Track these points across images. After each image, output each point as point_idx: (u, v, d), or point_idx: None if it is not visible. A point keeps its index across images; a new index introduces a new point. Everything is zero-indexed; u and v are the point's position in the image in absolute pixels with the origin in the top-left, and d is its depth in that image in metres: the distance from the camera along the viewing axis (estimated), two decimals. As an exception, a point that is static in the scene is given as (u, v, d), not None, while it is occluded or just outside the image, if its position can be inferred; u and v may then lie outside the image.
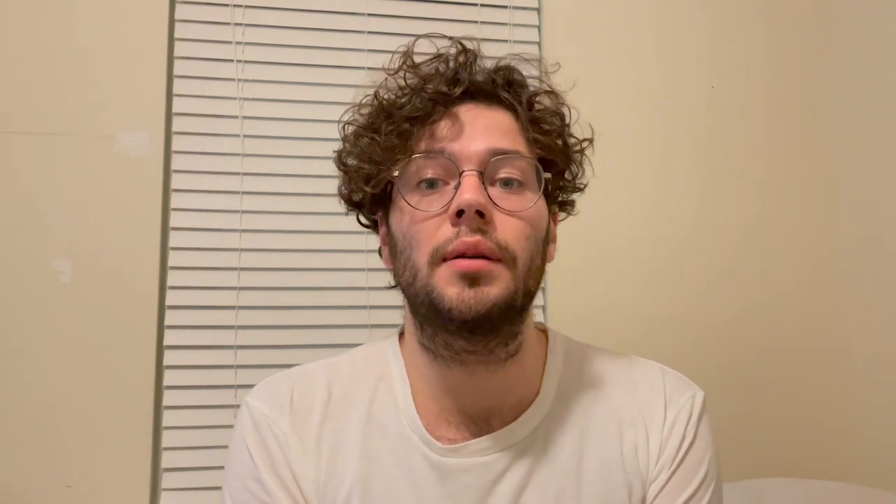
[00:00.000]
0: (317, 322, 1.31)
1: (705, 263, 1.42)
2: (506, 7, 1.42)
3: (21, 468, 1.18)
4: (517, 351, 0.66)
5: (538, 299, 1.37)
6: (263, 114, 1.32)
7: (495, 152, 0.62)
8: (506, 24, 1.42)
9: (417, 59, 0.68)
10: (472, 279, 0.59)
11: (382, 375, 0.70)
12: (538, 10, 1.44)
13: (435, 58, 0.68)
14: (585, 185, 0.75)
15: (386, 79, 0.68)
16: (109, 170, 1.25)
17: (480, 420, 0.66)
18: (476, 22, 1.40)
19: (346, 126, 0.70)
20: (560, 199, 0.73)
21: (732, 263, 1.44)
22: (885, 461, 1.30)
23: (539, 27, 1.43)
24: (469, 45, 0.69)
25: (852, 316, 1.41)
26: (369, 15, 1.37)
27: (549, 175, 0.66)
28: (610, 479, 0.65)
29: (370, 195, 0.67)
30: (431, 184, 0.63)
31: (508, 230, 0.61)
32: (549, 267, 1.42)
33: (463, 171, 0.61)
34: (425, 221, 0.62)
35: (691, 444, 0.67)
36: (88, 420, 1.20)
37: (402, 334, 0.73)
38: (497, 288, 0.59)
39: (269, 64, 1.33)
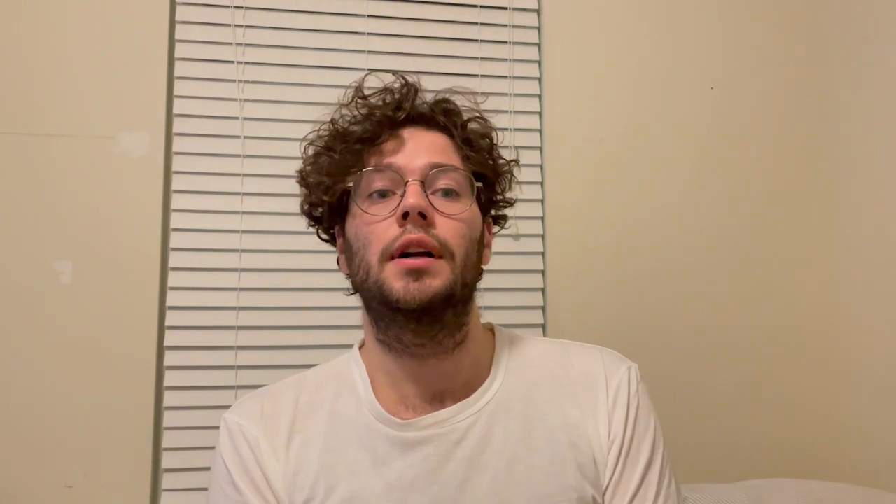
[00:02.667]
0: (317, 323, 1.31)
1: (705, 264, 1.43)
2: (506, 8, 1.42)
3: (21, 468, 1.18)
4: (464, 340, 0.75)
5: (537, 300, 1.38)
6: (264, 115, 1.32)
7: (434, 165, 0.73)
8: (506, 25, 1.42)
9: (367, 93, 0.79)
10: (416, 274, 0.68)
11: (345, 378, 0.79)
12: (538, 11, 1.44)
13: (382, 90, 0.79)
14: (515, 201, 0.86)
15: (340, 108, 0.79)
16: (110, 171, 1.25)
17: (435, 401, 0.74)
18: (476, 23, 1.41)
19: (307, 148, 0.81)
20: (493, 212, 0.84)
21: (733, 264, 1.44)
22: (885, 461, 1.30)
23: (539, 28, 1.44)
24: (411, 79, 0.80)
25: (852, 316, 1.41)
26: (369, 16, 1.37)
27: (480, 185, 0.76)
28: (557, 442, 0.73)
29: (328, 207, 0.78)
30: (382, 194, 0.73)
31: (447, 229, 0.71)
32: (549, 268, 1.42)
33: (407, 181, 0.71)
34: (376, 224, 0.71)
35: (637, 410, 0.75)
36: (88, 420, 1.20)
37: (362, 346, 0.82)
38: (439, 280, 0.68)
39: (269, 65, 1.34)
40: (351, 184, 0.74)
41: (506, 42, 1.42)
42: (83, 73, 1.26)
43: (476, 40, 1.41)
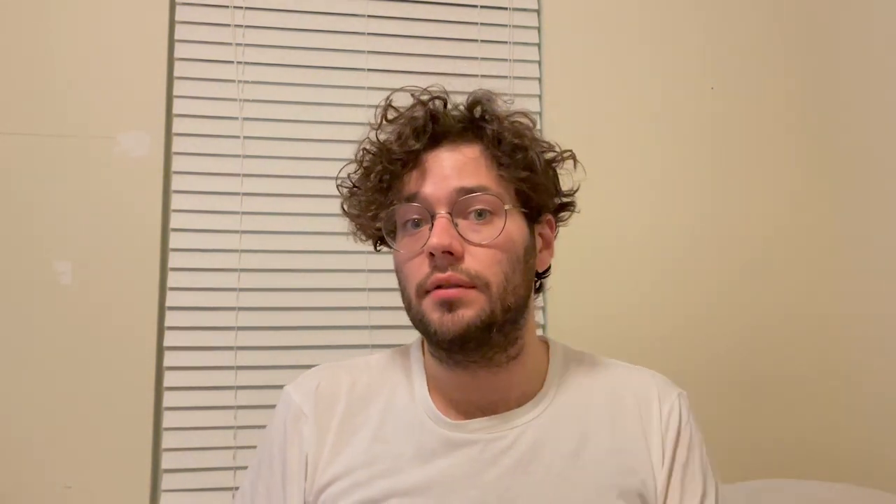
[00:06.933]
0: (317, 323, 1.31)
1: (706, 266, 1.42)
2: (506, 8, 1.42)
3: (21, 468, 1.18)
4: (518, 354, 0.74)
5: (536, 300, 1.38)
6: (263, 115, 1.32)
7: (462, 191, 0.70)
8: (506, 25, 1.42)
9: (392, 112, 0.77)
10: (449, 305, 0.68)
11: (404, 371, 0.79)
12: (538, 11, 1.44)
13: (404, 114, 0.76)
14: (574, 192, 0.83)
15: (367, 138, 0.77)
16: (110, 171, 1.25)
17: (487, 409, 0.74)
18: (476, 23, 1.41)
19: (343, 181, 0.80)
20: (556, 202, 0.80)
21: (733, 265, 1.43)
22: (885, 461, 1.30)
23: (539, 28, 1.44)
24: (433, 92, 0.76)
25: (852, 317, 1.40)
26: (369, 16, 1.37)
27: (508, 207, 0.72)
28: (606, 466, 0.72)
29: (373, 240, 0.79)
30: (416, 223, 0.72)
31: (479, 260, 0.69)
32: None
33: (434, 214, 0.70)
34: (410, 261, 0.72)
35: (690, 439, 0.76)
36: (88, 421, 1.20)
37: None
38: (472, 310, 0.68)
39: (269, 65, 1.33)
40: (379, 226, 0.74)
41: (506, 42, 1.42)
42: (83, 73, 1.26)
43: (476, 40, 1.41)
